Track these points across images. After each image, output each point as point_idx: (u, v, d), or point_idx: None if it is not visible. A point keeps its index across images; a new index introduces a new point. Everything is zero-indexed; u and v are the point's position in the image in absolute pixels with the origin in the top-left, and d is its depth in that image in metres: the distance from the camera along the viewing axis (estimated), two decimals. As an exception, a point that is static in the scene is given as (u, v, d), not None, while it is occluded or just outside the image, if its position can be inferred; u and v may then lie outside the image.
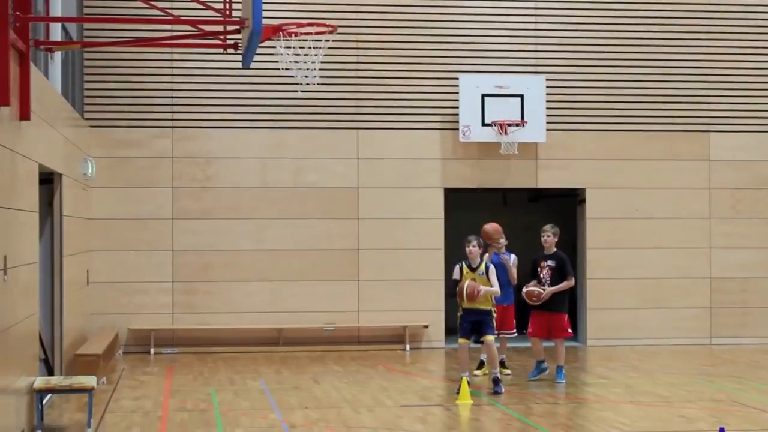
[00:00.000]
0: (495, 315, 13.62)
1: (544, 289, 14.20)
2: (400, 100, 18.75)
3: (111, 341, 16.31)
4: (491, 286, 13.31)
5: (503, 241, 15.13)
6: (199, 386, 14.28)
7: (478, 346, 13.95)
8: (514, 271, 14.95)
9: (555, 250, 14.47)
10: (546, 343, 14.55)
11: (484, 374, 14.67)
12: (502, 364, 14.74)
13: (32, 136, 11.24)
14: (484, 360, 14.80)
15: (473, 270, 13.37)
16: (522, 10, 19.01)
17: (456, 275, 13.45)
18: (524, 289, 14.35)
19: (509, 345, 15.76)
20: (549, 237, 14.49)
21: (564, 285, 14.26)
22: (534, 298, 14.22)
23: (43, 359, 13.32)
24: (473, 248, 13.39)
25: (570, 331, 14.47)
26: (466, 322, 13.32)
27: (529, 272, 14.56)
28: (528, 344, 14.98)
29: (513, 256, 15.06)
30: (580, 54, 19.12)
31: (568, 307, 14.58)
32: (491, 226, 15.00)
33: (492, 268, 13.47)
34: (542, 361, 14.48)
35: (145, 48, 17.55)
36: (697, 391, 13.66)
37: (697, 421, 11.56)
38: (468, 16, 18.90)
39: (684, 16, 19.32)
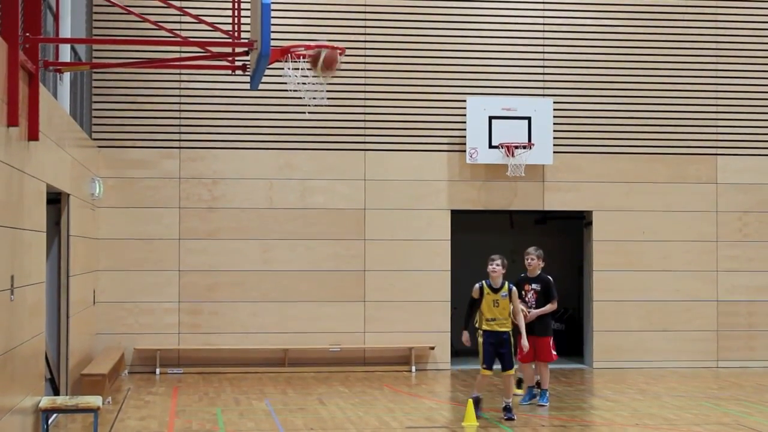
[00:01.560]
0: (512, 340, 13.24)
1: (529, 311, 14.06)
2: (408, 121, 18.79)
3: (117, 361, 16.31)
4: (513, 308, 13.10)
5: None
6: (204, 406, 14.27)
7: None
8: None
9: (539, 272, 14.36)
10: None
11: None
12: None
13: (40, 156, 11.28)
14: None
15: (495, 291, 12.97)
16: (530, 33, 19.07)
17: (476, 294, 13.00)
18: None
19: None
20: (533, 260, 14.32)
21: (548, 308, 14.21)
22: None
23: (48, 379, 13.32)
24: (496, 267, 12.96)
25: (554, 354, 14.32)
26: (488, 346, 12.94)
27: None
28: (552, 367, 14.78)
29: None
30: (588, 77, 19.16)
31: (553, 330, 14.54)
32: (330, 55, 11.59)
33: (515, 290, 13.14)
34: (533, 387, 14.38)
35: (153, 69, 17.64)
36: (703, 415, 13.61)
37: (703, 444, 11.53)
38: (476, 38, 18.96)
39: (692, 39, 19.36)
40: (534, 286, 14.27)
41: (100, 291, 17.65)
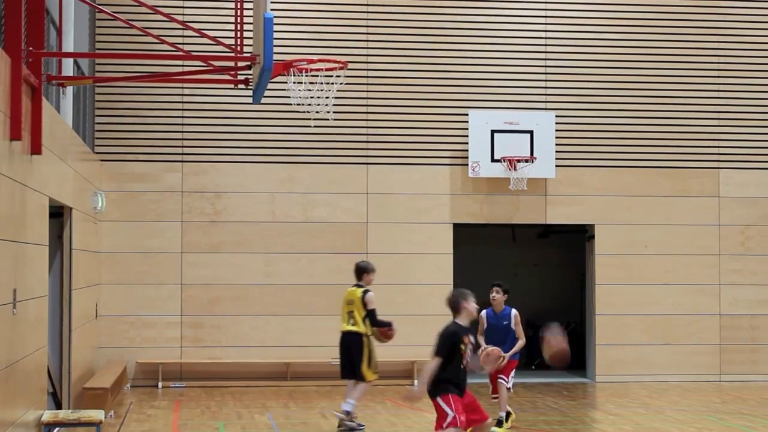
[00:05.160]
0: None
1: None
2: (410, 135, 18.81)
3: (119, 375, 16.29)
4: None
5: (500, 297, 13.30)
6: (206, 420, 14.26)
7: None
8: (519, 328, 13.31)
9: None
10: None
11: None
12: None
13: (43, 170, 11.29)
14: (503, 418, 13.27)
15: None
16: (532, 47, 19.09)
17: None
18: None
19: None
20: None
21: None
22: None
23: (51, 392, 13.31)
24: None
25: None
26: None
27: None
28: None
29: (514, 311, 13.31)
30: (590, 91, 19.18)
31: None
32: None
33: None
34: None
35: (156, 83, 17.66)
36: (706, 429, 13.58)
37: (706, 459, 11.50)
38: (478, 52, 18.98)
39: (694, 53, 19.38)
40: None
41: (102, 304, 17.65)
